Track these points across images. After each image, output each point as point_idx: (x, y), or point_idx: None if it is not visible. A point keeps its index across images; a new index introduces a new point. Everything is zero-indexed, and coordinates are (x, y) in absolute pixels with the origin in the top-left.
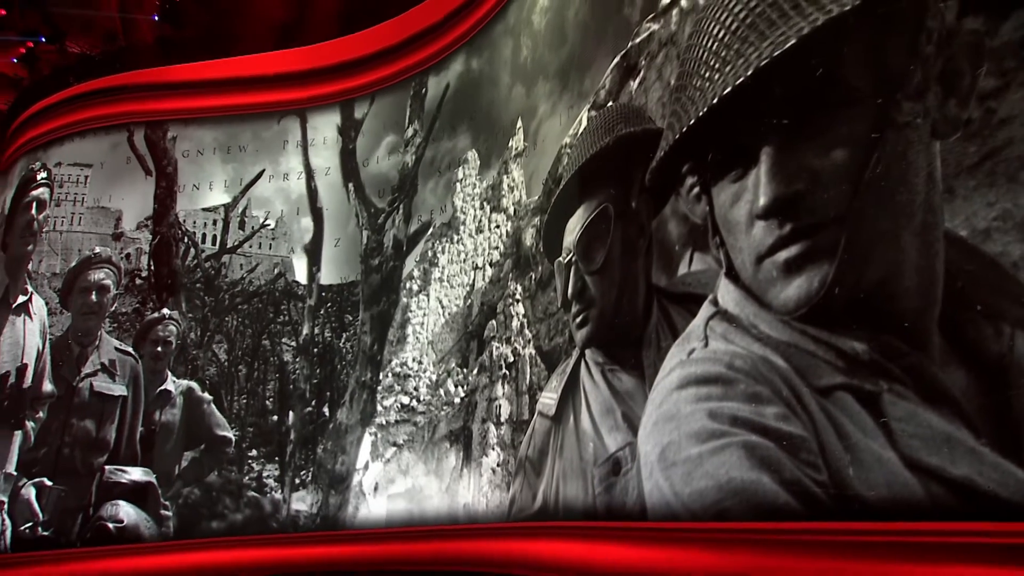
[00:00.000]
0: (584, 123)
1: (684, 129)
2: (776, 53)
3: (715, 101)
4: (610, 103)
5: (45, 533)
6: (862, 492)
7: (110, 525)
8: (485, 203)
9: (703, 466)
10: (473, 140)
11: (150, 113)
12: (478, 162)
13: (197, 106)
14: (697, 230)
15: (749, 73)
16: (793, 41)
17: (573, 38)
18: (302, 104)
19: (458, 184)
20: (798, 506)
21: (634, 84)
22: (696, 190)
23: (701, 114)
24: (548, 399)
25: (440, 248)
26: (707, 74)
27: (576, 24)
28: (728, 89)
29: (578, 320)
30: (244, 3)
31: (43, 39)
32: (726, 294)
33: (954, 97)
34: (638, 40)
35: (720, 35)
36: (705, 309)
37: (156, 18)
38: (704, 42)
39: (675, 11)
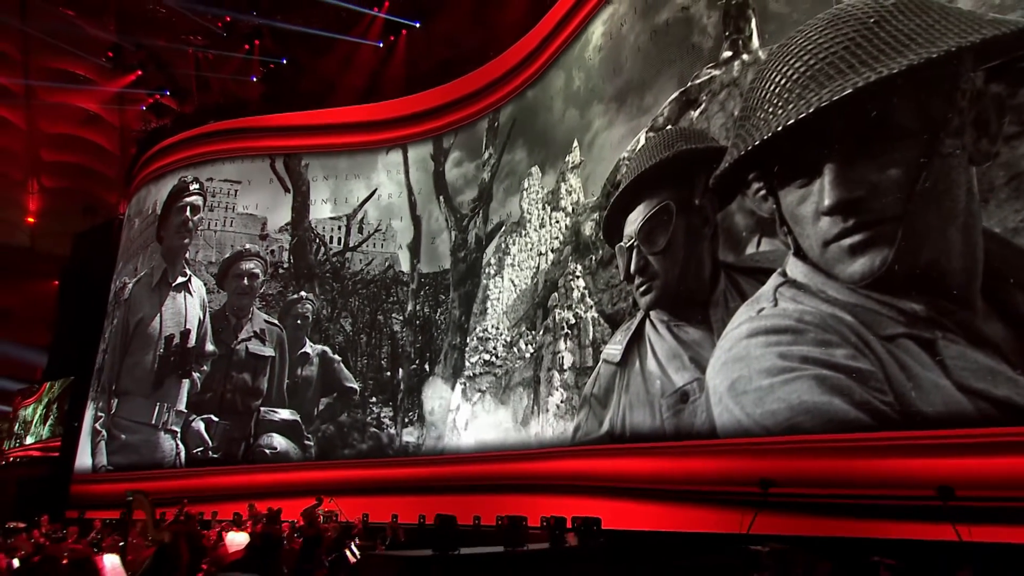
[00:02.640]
0: (642, 142)
1: (749, 148)
2: (835, 98)
3: (779, 129)
4: (668, 127)
5: (215, 456)
6: (923, 409)
7: (266, 451)
8: (546, 204)
9: (774, 393)
10: (528, 153)
11: (286, 148)
12: (541, 174)
13: (324, 143)
14: (764, 221)
15: (811, 111)
16: (849, 91)
17: (631, 67)
18: (405, 140)
19: (524, 192)
20: (869, 420)
21: (695, 113)
22: (763, 192)
23: (766, 137)
24: (614, 349)
25: (511, 241)
26: (770, 109)
27: (634, 53)
28: (792, 121)
29: (642, 289)
30: (330, 71)
31: (167, 93)
32: (794, 268)
33: (985, 137)
34: (698, 81)
35: (782, 82)
36: (774, 279)
37: (254, 79)
38: (767, 86)
39: (736, 63)
